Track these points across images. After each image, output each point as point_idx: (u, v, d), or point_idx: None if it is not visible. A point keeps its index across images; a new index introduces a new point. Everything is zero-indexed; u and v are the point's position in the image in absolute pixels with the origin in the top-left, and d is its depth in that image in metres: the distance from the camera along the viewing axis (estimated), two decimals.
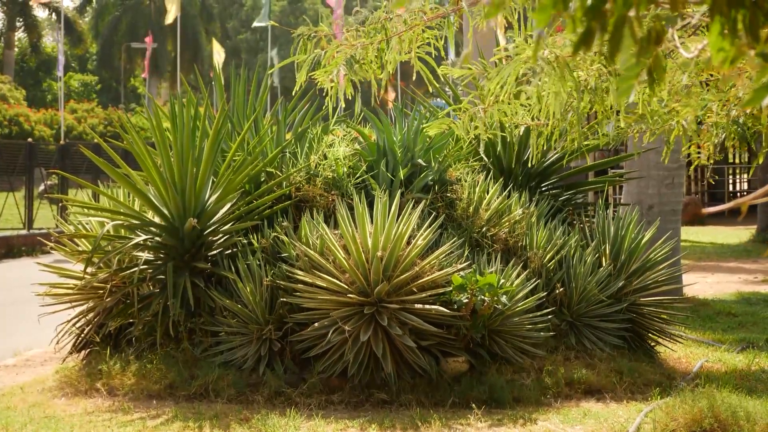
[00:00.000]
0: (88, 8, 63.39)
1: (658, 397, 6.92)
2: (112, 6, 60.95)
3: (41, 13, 58.70)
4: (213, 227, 7.56)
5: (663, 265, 8.38)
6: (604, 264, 8.12)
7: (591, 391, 7.17)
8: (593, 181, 10.63)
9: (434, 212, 7.69)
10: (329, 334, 6.75)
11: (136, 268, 7.37)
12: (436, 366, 6.94)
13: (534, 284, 7.42)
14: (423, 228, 7.08)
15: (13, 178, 22.48)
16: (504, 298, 6.93)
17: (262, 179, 8.03)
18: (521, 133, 8.48)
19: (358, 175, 8.00)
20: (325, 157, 8.06)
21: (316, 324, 6.87)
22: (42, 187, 24.61)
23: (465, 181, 8.09)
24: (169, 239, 7.51)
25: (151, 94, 35.56)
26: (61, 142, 29.39)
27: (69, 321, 7.86)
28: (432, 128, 5.29)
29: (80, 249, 8.00)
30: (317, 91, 5.77)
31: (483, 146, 8.71)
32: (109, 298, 7.50)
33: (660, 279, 8.33)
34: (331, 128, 8.62)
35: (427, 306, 6.77)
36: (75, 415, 6.54)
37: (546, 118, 4.37)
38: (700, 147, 5.12)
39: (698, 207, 27.63)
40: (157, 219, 7.68)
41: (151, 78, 52.42)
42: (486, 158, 8.90)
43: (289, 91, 7.05)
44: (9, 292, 13.62)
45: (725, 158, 29.60)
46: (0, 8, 55.88)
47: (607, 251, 8.23)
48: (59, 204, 21.11)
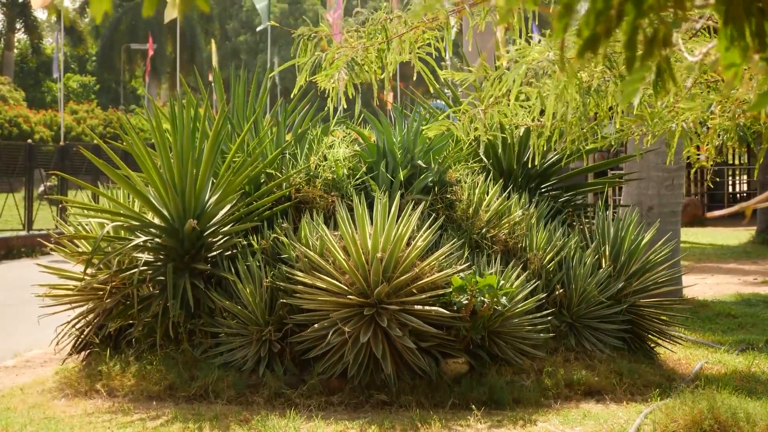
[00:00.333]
0: (88, 9, 63.40)
1: (658, 398, 6.92)
2: (111, 7, 60.91)
3: (41, 14, 58.73)
4: (213, 228, 7.56)
5: (663, 266, 8.38)
6: (603, 265, 8.12)
7: (591, 392, 7.17)
8: (593, 183, 10.64)
9: (434, 213, 7.69)
10: (329, 336, 6.75)
11: (135, 270, 7.37)
12: (436, 367, 6.94)
13: (534, 285, 7.42)
14: (423, 229, 7.08)
15: (13, 179, 22.47)
16: (504, 300, 6.93)
17: (261, 180, 8.03)
18: (521, 134, 8.48)
19: (357, 176, 8.00)
20: (325, 158, 8.06)
21: (315, 325, 6.87)
22: (42, 188, 24.60)
23: (465, 182, 8.09)
24: (169, 240, 7.51)
25: (150, 95, 35.51)
26: (61, 143, 29.38)
27: (69, 322, 7.86)
28: (432, 130, 5.28)
29: (80, 250, 8.00)
30: (317, 93, 5.77)
31: (483, 147, 8.71)
32: (108, 299, 7.50)
33: (660, 280, 8.33)
34: (332, 130, 8.62)
35: (426, 307, 6.76)
36: (75, 416, 6.54)
37: (547, 120, 4.37)
38: (700, 149, 5.11)
39: (698, 208, 27.64)
40: (156, 220, 7.68)
41: (151, 79, 52.41)
42: (486, 159, 8.90)
43: (289, 92, 7.04)
44: (9, 293, 13.62)
45: (725, 160, 29.61)
46: (0, 9, 55.88)
47: (607, 252, 8.23)
48: (59, 205, 21.10)
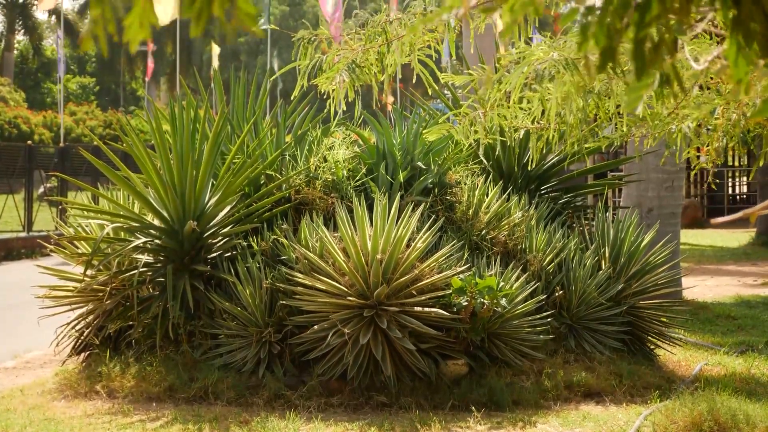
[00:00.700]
0: (88, 11, 63.41)
1: (658, 400, 6.92)
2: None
3: (42, 15, 58.71)
4: (212, 230, 7.56)
5: (662, 268, 8.39)
6: (603, 267, 8.12)
7: (590, 394, 7.17)
8: (593, 184, 10.64)
9: (434, 215, 7.69)
10: (329, 337, 6.75)
11: (135, 271, 7.37)
12: (436, 369, 6.94)
13: (533, 287, 7.42)
14: (422, 231, 7.08)
15: (13, 181, 22.47)
16: (503, 301, 6.93)
17: (261, 182, 8.03)
18: (521, 136, 8.48)
19: (357, 177, 8.00)
20: (325, 159, 8.06)
21: (315, 326, 6.87)
22: (41, 189, 24.59)
23: (464, 183, 8.09)
24: (169, 242, 7.51)
25: (150, 96, 35.50)
26: (61, 144, 29.39)
27: (68, 323, 7.86)
28: (432, 134, 5.28)
29: (80, 251, 8.00)
30: (317, 94, 5.77)
31: (482, 149, 8.71)
32: (108, 301, 7.50)
33: (659, 282, 8.33)
34: (332, 131, 8.62)
35: (426, 309, 6.76)
36: (75, 418, 6.54)
37: (547, 121, 4.37)
38: (700, 151, 5.12)
39: (698, 210, 27.64)
40: (156, 222, 7.68)
41: (151, 81, 52.37)
42: (485, 161, 8.90)
43: (289, 94, 7.04)
44: (9, 294, 13.62)
45: (725, 161, 29.60)
46: (0, 10, 55.87)
47: (607, 254, 8.23)
48: (59, 206, 21.09)
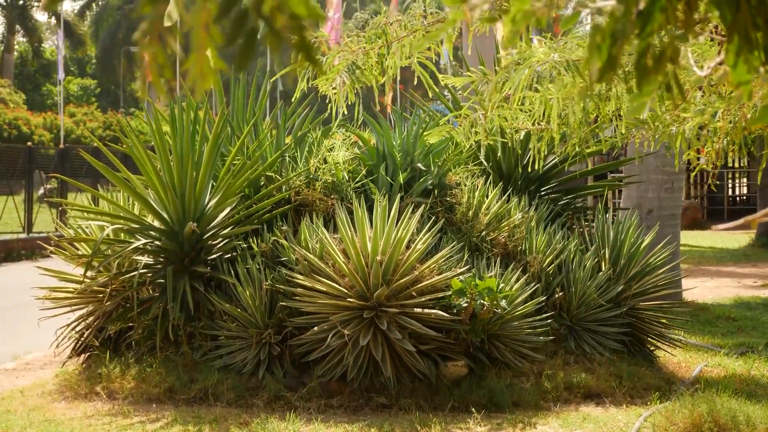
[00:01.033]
0: (87, 13, 63.36)
1: (658, 401, 6.92)
2: (111, 10, 60.91)
3: (41, 17, 58.73)
4: (212, 231, 7.56)
5: (662, 269, 8.39)
6: (603, 268, 8.12)
7: (590, 395, 7.17)
8: (593, 186, 10.64)
9: (434, 216, 7.69)
10: (329, 338, 6.75)
11: (135, 272, 7.37)
12: (436, 370, 6.94)
13: (533, 288, 7.42)
14: (422, 232, 7.08)
15: (13, 182, 22.47)
16: (503, 303, 6.93)
17: (261, 183, 8.03)
18: (521, 137, 8.48)
19: (357, 179, 8.01)
20: (325, 161, 8.07)
21: (315, 328, 6.87)
22: (41, 190, 24.60)
23: (464, 185, 8.09)
24: (169, 243, 7.51)
25: (150, 98, 35.53)
26: (61, 145, 29.39)
27: (69, 325, 7.86)
28: (432, 136, 5.28)
29: (80, 253, 8.00)
30: (317, 96, 5.77)
31: (483, 150, 8.71)
32: (108, 302, 7.50)
33: (659, 283, 8.33)
34: (332, 132, 8.62)
35: (426, 310, 6.76)
36: (75, 419, 6.54)
37: (553, 122, 4.37)
38: (700, 152, 5.12)
39: (698, 211, 27.64)
40: (156, 223, 7.68)
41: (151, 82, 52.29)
42: (485, 162, 8.91)
43: (289, 95, 7.05)
44: (8, 295, 13.61)
45: (725, 163, 29.55)
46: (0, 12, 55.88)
47: (607, 255, 8.23)
48: (59, 208, 21.10)
